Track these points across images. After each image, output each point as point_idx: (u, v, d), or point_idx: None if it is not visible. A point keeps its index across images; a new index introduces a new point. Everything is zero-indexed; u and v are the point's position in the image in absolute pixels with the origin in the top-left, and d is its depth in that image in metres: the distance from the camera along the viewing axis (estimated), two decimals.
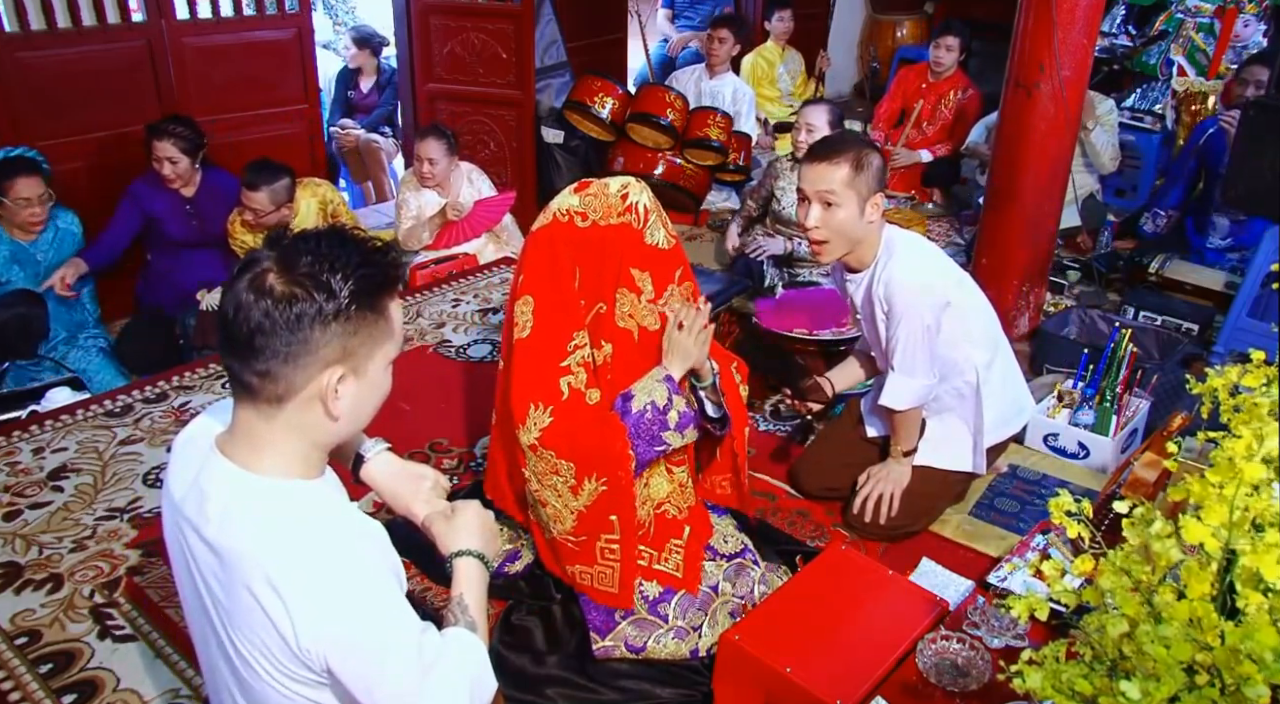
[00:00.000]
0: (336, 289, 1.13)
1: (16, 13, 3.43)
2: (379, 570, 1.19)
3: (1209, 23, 5.12)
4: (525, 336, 1.99)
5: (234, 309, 1.13)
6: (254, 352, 1.14)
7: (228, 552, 1.16)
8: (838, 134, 2.39)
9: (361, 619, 1.15)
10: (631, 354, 2.08)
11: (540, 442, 1.97)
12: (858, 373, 2.65)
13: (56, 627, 2.18)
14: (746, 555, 2.26)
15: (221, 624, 1.21)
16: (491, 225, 4.21)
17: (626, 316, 2.07)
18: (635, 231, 2.03)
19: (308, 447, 1.22)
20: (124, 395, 3.17)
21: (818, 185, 2.24)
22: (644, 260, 2.05)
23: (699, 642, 2.07)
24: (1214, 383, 1.16)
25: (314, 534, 1.16)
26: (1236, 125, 4.16)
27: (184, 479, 1.25)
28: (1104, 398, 2.74)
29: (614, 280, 2.04)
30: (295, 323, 1.12)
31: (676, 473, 2.21)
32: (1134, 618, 1.07)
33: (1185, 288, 3.98)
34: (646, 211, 2.02)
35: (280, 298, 1.12)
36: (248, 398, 1.19)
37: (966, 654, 1.79)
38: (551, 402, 1.98)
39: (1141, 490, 2.21)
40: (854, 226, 2.26)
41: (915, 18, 7.45)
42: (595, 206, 2.00)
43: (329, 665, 1.15)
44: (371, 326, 1.18)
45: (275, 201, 3.59)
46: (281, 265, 1.13)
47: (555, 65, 5.45)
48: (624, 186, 2.02)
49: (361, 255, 1.17)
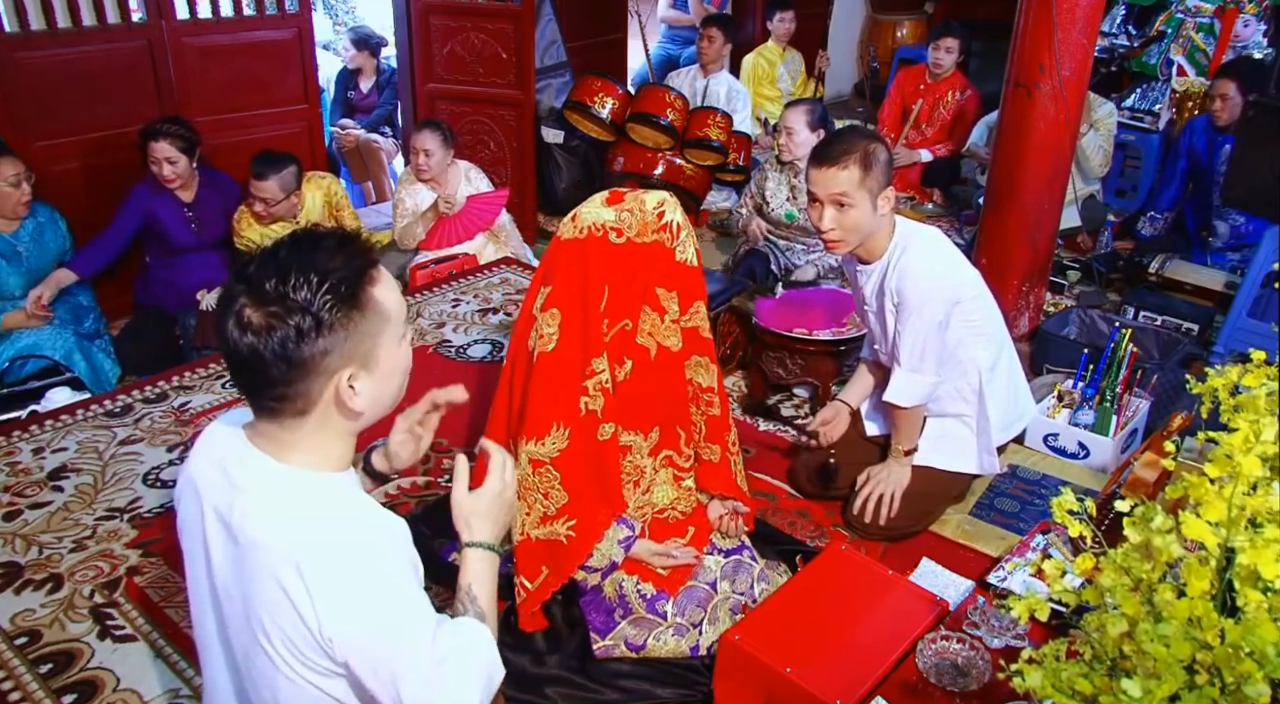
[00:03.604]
0: (308, 304, 1.13)
1: (16, 13, 3.43)
2: (402, 564, 1.20)
3: (1209, 23, 5.12)
4: (550, 350, 1.97)
5: (228, 349, 1.15)
6: (260, 385, 1.16)
7: (252, 539, 1.17)
8: (840, 132, 2.38)
9: (384, 611, 1.16)
10: (647, 372, 2.07)
11: (553, 461, 1.97)
12: (870, 384, 2.65)
13: (56, 627, 2.18)
14: (744, 552, 2.26)
15: (237, 613, 1.22)
16: (485, 227, 4.21)
17: (646, 334, 2.05)
18: (667, 250, 2.00)
19: (335, 439, 1.24)
20: (124, 395, 3.17)
21: (830, 189, 2.23)
22: (673, 278, 2.03)
23: (699, 639, 2.07)
24: (1214, 383, 1.16)
25: (341, 525, 1.18)
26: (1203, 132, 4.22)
27: (209, 466, 1.26)
28: (1104, 398, 2.74)
29: (640, 298, 2.02)
30: (282, 349, 1.13)
31: (685, 480, 2.21)
32: (1134, 617, 1.07)
33: (1185, 288, 3.98)
34: (679, 228, 2.00)
35: (260, 330, 1.13)
36: (272, 418, 1.21)
37: (966, 654, 1.79)
38: (571, 423, 1.98)
39: (1141, 490, 2.20)
40: (868, 222, 2.26)
41: (915, 18, 7.45)
42: (631, 223, 1.97)
43: (346, 654, 1.16)
44: (360, 322, 1.17)
45: (285, 189, 3.61)
46: (252, 296, 1.14)
47: (555, 65, 5.45)
48: (660, 204, 1.99)
49: (326, 256, 1.15)
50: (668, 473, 2.20)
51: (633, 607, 2.10)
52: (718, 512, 2.28)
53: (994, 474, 2.58)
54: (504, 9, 4.58)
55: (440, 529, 2.27)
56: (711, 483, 2.27)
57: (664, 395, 2.11)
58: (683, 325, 2.07)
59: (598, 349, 1.99)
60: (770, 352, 3.17)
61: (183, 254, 3.69)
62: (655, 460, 2.18)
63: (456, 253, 4.18)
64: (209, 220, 3.72)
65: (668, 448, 2.18)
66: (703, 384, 2.17)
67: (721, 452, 2.23)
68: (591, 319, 1.98)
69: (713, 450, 2.23)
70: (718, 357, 2.82)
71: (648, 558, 2.13)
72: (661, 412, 2.13)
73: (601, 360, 1.99)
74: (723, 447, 2.23)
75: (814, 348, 3.07)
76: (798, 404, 3.27)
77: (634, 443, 2.12)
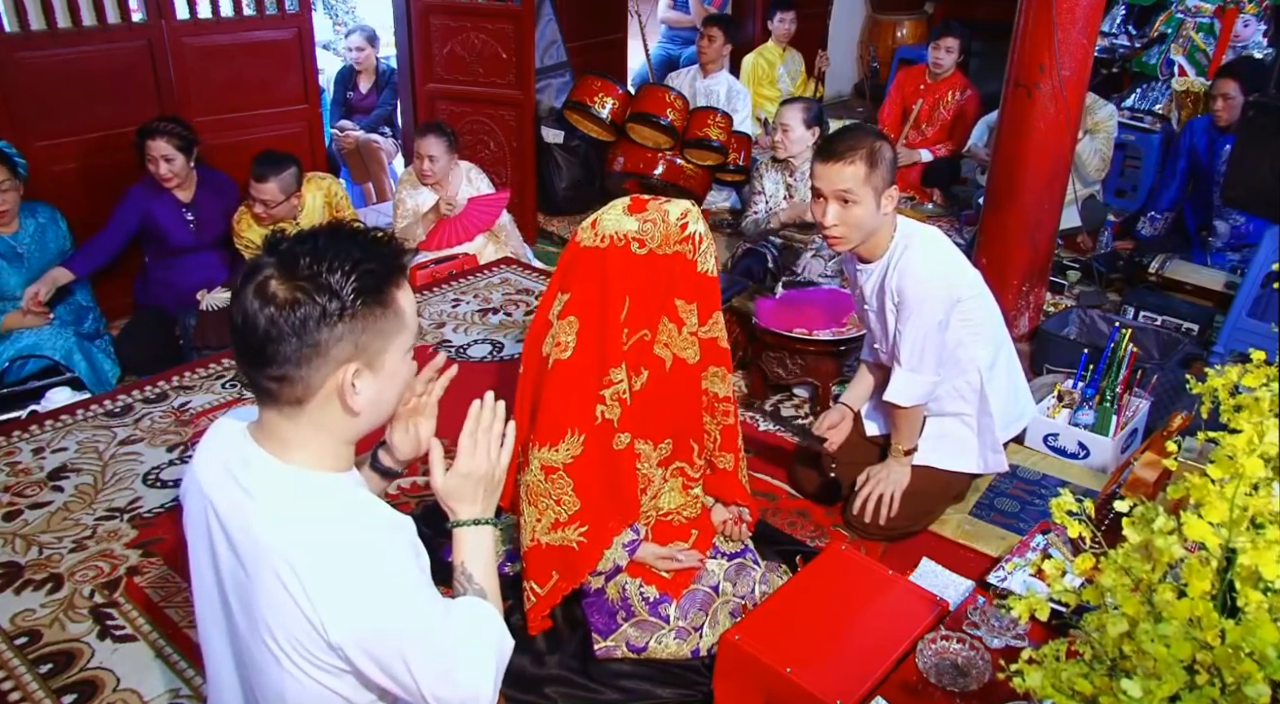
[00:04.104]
0: (338, 288, 1.14)
1: (16, 13, 3.43)
2: (405, 559, 1.20)
3: (1209, 23, 5.12)
4: (567, 358, 1.94)
5: (242, 319, 1.15)
6: (266, 359, 1.15)
7: (257, 538, 1.17)
8: (845, 130, 2.37)
9: (389, 609, 1.16)
10: (661, 383, 2.06)
11: (566, 468, 1.96)
12: (871, 385, 2.65)
13: (56, 627, 2.18)
14: (747, 555, 2.26)
15: (242, 611, 1.22)
16: (485, 228, 4.20)
17: (663, 345, 2.03)
18: (689, 262, 1.98)
19: (334, 442, 1.24)
20: (124, 395, 3.17)
21: (835, 185, 2.23)
22: (693, 290, 2.01)
23: (700, 641, 2.07)
24: (1214, 383, 1.16)
25: (341, 525, 1.18)
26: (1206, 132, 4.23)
27: (214, 464, 1.26)
28: (1104, 398, 2.74)
29: (660, 309, 2.00)
30: (301, 327, 1.13)
31: (693, 488, 2.21)
32: (1134, 617, 1.07)
33: (1185, 288, 3.98)
34: (701, 239, 1.98)
35: (284, 304, 1.13)
36: (269, 402, 1.20)
37: (966, 654, 1.79)
38: (586, 429, 1.96)
39: (1141, 490, 2.20)
40: (871, 220, 2.26)
41: (915, 18, 7.45)
42: (653, 235, 1.93)
43: (361, 654, 1.16)
44: (380, 320, 1.19)
45: (285, 191, 3.60)
46: (282, 270, 1.15)
47: (555, 65, 5.45)
48: (684, 215, 1.96)
49: (362, 251, 1.17)
50: (677, 482, 2.20)
51: (635, 609, 2.10)
52: (722, 516, 2.28)
53: (996, 472, 2.58)
54: (504, 9, 4.58)
55: (440, 528, 2.27)
56: (722, 490, 2.27)
57: (677, 406, 2.10)
58: (701, 336, 2.05)
59: (616, 359, 1.96)
60: (770, 351, 3.17)
61: (181, 254, 3.69)
62: (665, 471, 2.17)
63: (456, 253, 4.18)
64: (208, 220, 3.71)
65: (680, 459, 2.17)
66: (719, 394, 2.15)
67: (734, 459, 2.22)
68: (610, 329, 1.95)
69: (726, 459, 2.22)
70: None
71: (652, 561, 2.13)
72: (673, 422, 2.12)
73: (619, 370, 1.97)
74: (735, 455, 2.22)
75: (814, 348, 3.07)
76: (798, 404, 3.27)
77: (643, 451, 2.11)
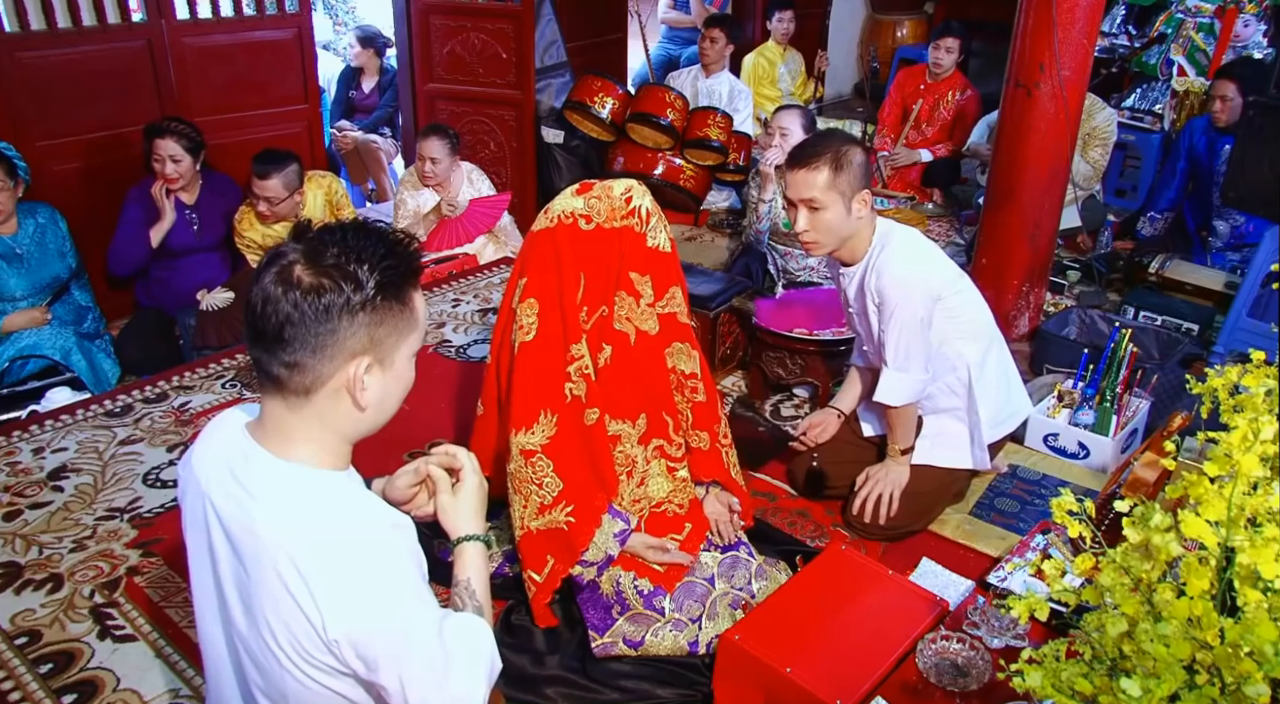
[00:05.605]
0: (363, 280, 1.16)
1: (16, 13, 3.43)
2: (405, 561, 1.20)
3: (1209, 23, 5.12)
4: (530, 340, 2.00)
5: (262, 301, 1.15)
6: (282, 343, 1.15)
7: (257, 537, 1.17)
8: (816, 136, 2.40)
9: (387, 609, 1.16)
10: (627, 357, 2.10)
11: (544, 449, 1.97)
12: (860, 390, 2.66)
13: (56, 627, 2.18)
14: (740, 547, 2.27)
15: (242, 609, 1.22)
16: (486, 229, 4.21)
17: (624, 319, 2.08)
18: (638, 235, 2.05)
19: (335, 439, 1.24)
20: (124, 395, 3.17)
21: (801, 192, 2.26)
22: (645, 264, 2.07)
23: (698, 634, 2.07)
24: (1214, 383, 1.16)
25: (341, 525, 1.18)
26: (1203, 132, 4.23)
27: (212, 462, 1.26)
28: (1104, 398, 2.74)
29: (614, 283, 2.06)
30: (323, 314, 1.14)
31: (679, 471, 2.22)
32: (1134, 617, 1.07)
33: (1185, 288, 3.98)
34: (649, 214, 2.05)
35: (308, 289, 1.14)
36: (275, 390, 1.20)
37: (966, 654, 1.79)
38: (558, 409, 1.99)
39: (1141, 490, 2.20)
40: (842, 224, 2.28)
41: (915, 18, 7.44)
42: (599, 209, 2.02)
43: (354, 653, 1.16)
44: (397, 317, 1.20)
45: (288, 187, 3.60)
46: (309, 257, 1.15)
47: (555, 65, 5.45)
48: (628, 190, 2.04)
49: (386, 247, 1.19)
50: (660, 464, 2.21)
51: (630, 603, 2.10)
52: (714, 509, 2.28)
53: (987, 469, 2.58)
54: (504, 9, 4.58)
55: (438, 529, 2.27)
56: (703, 470, 2.29)
57: (646, 380, 2.14)
58: (659, 311, 2.09)
59: (576, 335, 2.02)
60: (770, 351, 3.17)
61: (182, 255, 3.69)
62: (646, 450, 2.19)
63: (456, 253, 4.19)
64: (209, 222, 3.72)
65: (657, 436, 2.20)
66: (685, 371, 2.20)
67: (711, 440, 2.25)
68: (569, 306, 2.01)
69: (701, 438, 2.25)
70: (718, 357, 2.82)
71: (643, 552, 2.14)
72: (645, 397, 2.16)
73: (581, 346, 2.03)
74: (711, 435, 2.25)
75: (814, 348, 3.07)
76: (798, 404, 3.27)
77: (623, 431, 2.14)
